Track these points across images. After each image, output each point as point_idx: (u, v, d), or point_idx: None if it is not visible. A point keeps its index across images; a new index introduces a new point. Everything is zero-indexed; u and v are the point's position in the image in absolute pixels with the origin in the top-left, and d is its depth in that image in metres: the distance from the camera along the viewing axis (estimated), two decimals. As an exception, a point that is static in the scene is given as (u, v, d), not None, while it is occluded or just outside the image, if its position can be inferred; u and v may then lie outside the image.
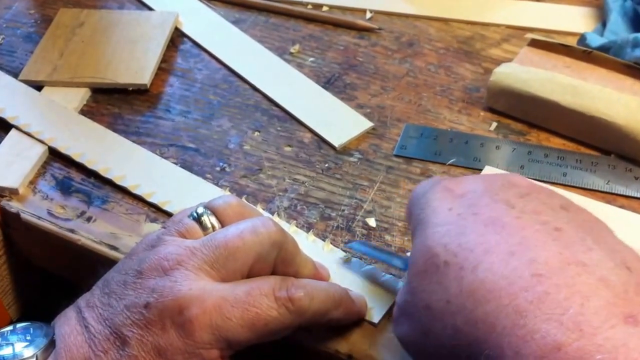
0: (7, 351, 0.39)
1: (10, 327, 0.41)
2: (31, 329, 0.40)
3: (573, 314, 0.30)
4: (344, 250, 0.50)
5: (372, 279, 0.48)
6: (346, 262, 0.49)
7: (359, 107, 0.62)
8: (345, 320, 0.44)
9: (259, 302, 0.39)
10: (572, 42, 0.63)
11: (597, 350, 0.28)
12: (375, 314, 0.46)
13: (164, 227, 0.44)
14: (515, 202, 0.36)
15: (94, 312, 0.40)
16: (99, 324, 0.39)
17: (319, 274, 0.46)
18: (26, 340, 0.40)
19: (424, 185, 0.41)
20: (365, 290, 0.47)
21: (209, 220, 0.43)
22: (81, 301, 0.41)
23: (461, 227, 0.36)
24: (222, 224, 0.43)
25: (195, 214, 0.43)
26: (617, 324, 0.29)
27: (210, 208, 0.44)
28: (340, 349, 0.44)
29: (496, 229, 0.35)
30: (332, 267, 0.48)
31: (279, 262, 0.42)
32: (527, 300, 0.31)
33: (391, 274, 0.48)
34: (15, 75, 0.65)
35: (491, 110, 0.61)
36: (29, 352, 0.39)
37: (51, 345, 0.39)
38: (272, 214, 0.53)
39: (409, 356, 0.39)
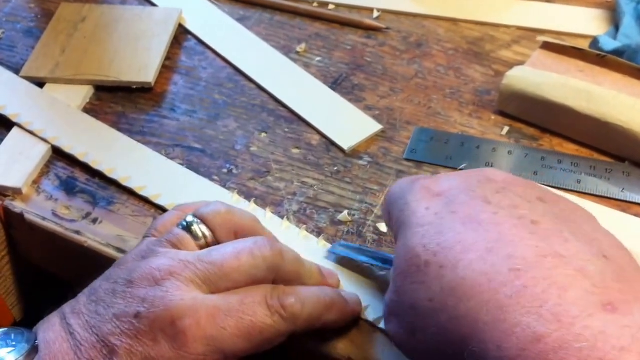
0: None
1: None
2: (12, 335, 0.39)
3: (551, 306, 0.30)
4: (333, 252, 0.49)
5: (368, 276, 0.47)
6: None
7: (367, 109, 0.61)
8: (340, 321, 0.44)
9: (253, 310, 0.39)
10: (583, 44, 0.62)
11: (576, 339, 0.29)
12: (371, 312, 0.45)
13: (150, 236, 0.43)
14: (492, 198, 0.37)
15: (79, 319, 0.39)
16: (85, 332, 0.38)
17: (326, 283, 0.45)
18: (10, 346, 0.39)
19: (401, 184, 0.42)
20: (361, 287, 0.46)
21: (200, 229, 0.42)
22: (66, 307, 0.40)
23: (439, 227, 0.36)
24: (213, 233, 0.43)
25: (184, 223, 0.43)
26: (595, 313, 0.30)
27: (200, 216, 0.43)
28: (341, 352, 0.44)
29: (473, 226, 0.35)
30: (337, 271, 0.48)
31: (280, 281, 0.42)
32: (507, 295, 0.31)
33: (387, 268, 0.47)
34: (16, 71, 0.63)
35: (502, 114, 0.60)
36: (10, 357, 0.38)
37: (34, 351, 0.38)
38: (282, 217, 0.52)
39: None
